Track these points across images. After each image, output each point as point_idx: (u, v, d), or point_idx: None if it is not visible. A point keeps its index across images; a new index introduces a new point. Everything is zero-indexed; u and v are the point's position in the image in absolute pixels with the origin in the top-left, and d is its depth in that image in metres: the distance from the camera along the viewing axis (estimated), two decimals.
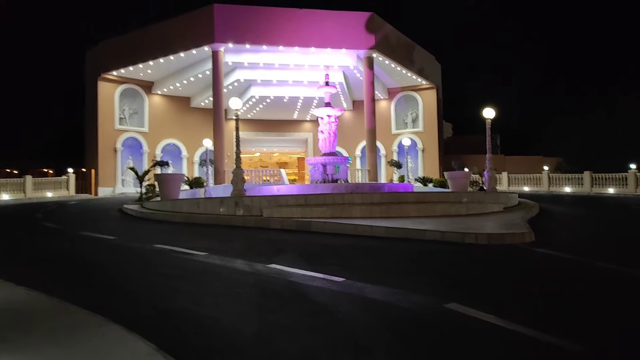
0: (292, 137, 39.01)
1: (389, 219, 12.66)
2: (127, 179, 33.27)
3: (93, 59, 33.22)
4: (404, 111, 37.40)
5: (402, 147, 36.63)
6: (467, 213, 13.92)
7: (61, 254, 8.87)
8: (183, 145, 35.55)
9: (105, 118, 32.15)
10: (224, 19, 26.20)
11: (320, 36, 27.22)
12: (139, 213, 16.21)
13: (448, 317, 4.90)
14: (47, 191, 29.47)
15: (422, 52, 34.63)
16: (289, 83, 30.55)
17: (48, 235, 11.57)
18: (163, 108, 34.81)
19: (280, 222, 12.60)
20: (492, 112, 17.92)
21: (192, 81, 31.78)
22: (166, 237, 10.99)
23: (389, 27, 30.14)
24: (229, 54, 27.64)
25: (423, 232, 10.28)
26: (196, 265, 7.62)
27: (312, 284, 6.29)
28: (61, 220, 15.33)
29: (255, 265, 7.46)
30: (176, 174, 20.78)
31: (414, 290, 5.94)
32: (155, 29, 29.14)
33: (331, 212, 13.15)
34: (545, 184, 31.93)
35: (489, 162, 17.82)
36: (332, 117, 20.56)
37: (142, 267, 7.49)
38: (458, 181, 20.24)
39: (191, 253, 8.58)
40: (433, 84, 35.97)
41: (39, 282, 6.16)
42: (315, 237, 11.01)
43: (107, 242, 10.18)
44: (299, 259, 8.19)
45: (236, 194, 14.85)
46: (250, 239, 10.78)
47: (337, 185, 18.00)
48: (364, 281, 6.40)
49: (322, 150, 20.74)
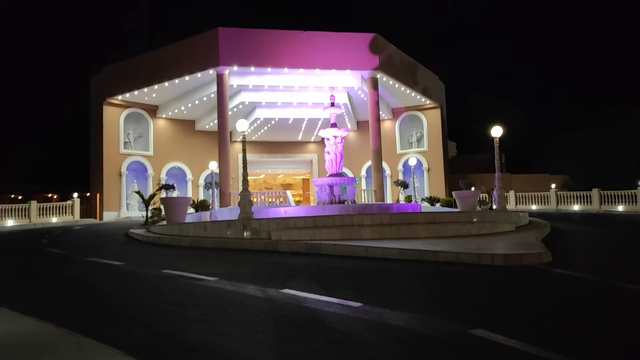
0: (297, 159, 38.97)
1: (400, 240, 12.45)
2: (131, 203, 33.16)
3: (98, 84, 33.44)
4: (409, 131, 37.38)
5: (407, 166, 36.57)
6: (478, 233, 13.70)
7: (69, 281, 8.68)
8: (188, 168, 35.52)
9: (110, 142, 32.21)
10: (228, 42, 26.38)
11: (324, 58, 27.36)
12: (146, 237, 16.03)
13: (475, 343, 4.68)
14: (52, 216, 29.36)
15: (426, 71, 34.76)
16: (293, 105, 30.62)
17: (55, 262, 11.39)
18: (168, 131, 34.90)
19: (289, 245, 12.39)
20: (499, 130, 17.84)
21: (196, 104, 31.89)
22: (174, 262, 10.80)
23: (393, 48, 30.29)
24: (234, 77, 27.77)
25: (436, 254, 10.07)
26: (207, 291, 7.42)
27: (328, 310, 6.08)
28: (67, 245, 15.16)
29: (268, 291, 7.25)
30: (182, 198, 20.66)
31: (435, 315, 5.72)
32: (160, 53, 29.37)
33: (341, 234, 12.95)
34: (553, 202, 31.65)
35: (498, 181, 17.67)
36: (338, 137, 20.49)
37: (153, 295, 7.28)
38: (467, 200, 20.03)
39: (201, 278, 8.38)
40: (437, 103, 36.01)
41: (48, 312, 5.97)
42: (326, 259, 10.79)
43: (115, 268, 9.98)
44: (311, 283, 7.98)
45: (244, 217, 14.68)
46: (260, 263, 10.57)
47: (344, 206, 17.82)
48: (381, 306, 6.19)
49: (328, 171, 20.62)
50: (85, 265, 10.68)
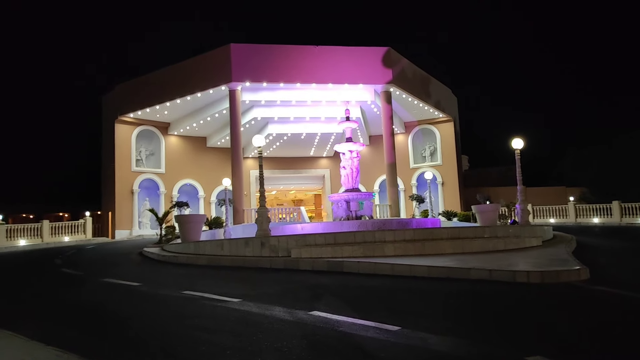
0: (309, 174, 38.64)
1: (425, 256, 11.99)
2: (144, 221, 32.92)
3: (109, 102, 33.48)
4: (422, 145, 36.99)
5: (421, 181, 36.12)
6: (505, 248, 13.21)
7: (87, 305, 8.30)
8: (199, 185, 35.32)
9: (122, 160, 32.11)
10: (240, 58, 26.28)
11: (337, 72, 27.17)
12: (161, 256, 15.68)
13: None
14: (64, 235, 29.14)
15: (438, 84, 34.48)
16: (306, 120, 30.40)
17: (70, 284, 11.04)
18: (179, 148, 34.78)
19: (310, 263, 11.97)
20: (520, 142, 17.40)
21: (208, 121, 31.78)
22: (193, 282, 10.42)
23: (406, 61, 30.08)
24: (246, 93, 27.63)
25: (468, 271, 9.60)
26: (233, 314, 7.01)
27: (365, 335, 5.65)
28: (82, 266, 14.84)
29: (297, 313, 6.84)
30: (197, 215, 20.34)
31: (483, 339, 5.29)
32: (171, 70, 29.36)
33: (362, 251, 12.52)
34: (572, 215, 30.98)
35: (520, 194, 17.19)
36: (354, 152, 20.14)
37: (176, 319, 6.88)
38: (487, 215, 19.50)
39: (224, 300, 7.98)
40: (450, 116, 35.66)
41: (67, 340, 5.61)
42: (351, 278, 10.36)
43: (133, 289, 9.61)
44: (341, 304, 7.56)
45: (262, 234, 14.29)
46: (282, 283, 10.15)
47: (363, 222, 17.39)
48: (422, 330, 5.76)
49: (344, 186, 20.23)
50: (102, 287, 10.33)
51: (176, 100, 29.01)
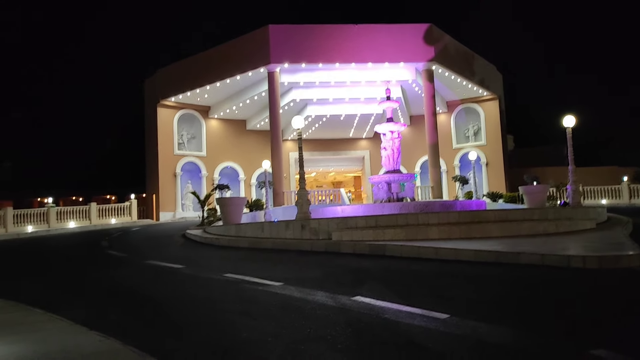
0: (348, 156, 38.27)
1: (470, 240, 11.57)
2: (186, 204, 33.50)
3: (151, 87, 33.97)
4: (465, 124, 35.94)
5: (464, 161, 35.17)
6: (557, 231, 12.60)
7: (130, 287, 8.36)
8: (240, 167, 35.58)
9: (164, 143, 32.64)
10: (279, 40, 26.03)
11: (377, 51, 26.54)
12: (203, 238, 15.82)
13: None
14: (111, 217, 30.01)
15: (482, 61, 33.25)
16: (345, 101, 29.96)
17: (115, 266, 11.23)
18: (220, 132, 35.05)
19: (351, 246, 11.75)
20: (572, 120, 16.58)
21: (247, 104, 31.81)
22: (235, 265, 10.40)
23: (448, 38, 29.09)
24: (285, 74, 27.41)
25: (517, 255, 9.15)
26: (274, 298, 6.87)
27: (412, 323, 5.39)
28: (127, 248, 15.14)
29: (340, 298, 6.63)
30: (238, 198, 20.43)
31: (540, 330, 4.94)
32: (211, 53, 29.43)
33: (405, 234, 12.19)
34: (625, 196, 29.51)
35: (572, 175, 16.45)
36: (395, 132, 19.68)
37: (219, 303, 6.80)
38: (535, 196, 18.76)
39: (266, 284, 7.87)
40: (495, 94, 34.41)
41: (110, 324, 5.59)
42: (393, 262, 10.08)
43: (177, 272, 9.65)
44: (384, 289, 7.31)
45: (302, 217, 14.16)
46: (323, 266, 9.98)
47: (405, 204, 17.01)
48: (471, 318, 5.45)
49: (385, 167, 19.84)
50: (146, 269, 10.44)
51: (216, 83, 29.12)
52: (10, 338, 4.68)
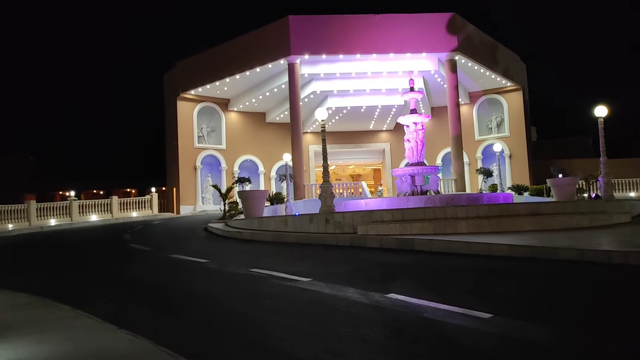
0: (368, 148, 37.83)
1: (501, 234, 11.20)
2: (206, 197, 33.51)
3: (171, 79, 33.95)
4: (487, 115, 35.22)
5: (487, 153, 34.53)
6: (590, 225, 12.15)
7: (156, 282, 8.22)
8: (259, 160, 35.45)
9: (184, 136, 32.64)
10: (299, 31, 25.71)
11: (398, 41, 26.07)
12: (225, 232, 15.69)
13: None
14: (132, 211, 30.16)
15: (506, 51, 32.49)
16: (366, 92, 29.54)
17: (139, 260, 11.13)
18: (239, 124, 34.93)
19: (377, 240, 11.48)
20: (604, 110, 15.96)
21: (267, 96, 31.60)
22: (260, 259, 10.20)
23: (471, 27, 28.44)
24: (305, 66, 27.11)
25: (555, 251, 8.77)
26: (304, 295, 6.64)
27: (453, 322, 5.10)
28: (149, 241, 15.08)
29: (373, 296, 6.37)
30: (260, 191, 20.27)
31: (591, 331, 4.62)
32: (231, 46, 29.25)
33: (433, 228, 11.86)
34: None
35: (604, 167, 15.88)
36: (418, 124, 19.25)
37: (247, 299, 6.58)
38: (564, 188, 18.23)
39: (293, 279, 7.64)
40: (519, 85, 33.63)
41: (139, 323, 5.42)
42: (423, 257, 9.78)
43: (201, 266, 9.49)
44: (418, 285, 7.04)
45: (326, 210, 13.90)
46: (351, 261, 9.73)
47: (430, 197, 16.64)
48: (515, 317, 5.17)
49: (409, 160, 19.45)
50: (170, 263, 10.31)
51: (235, 75, 28.95)
52: (37, 337, 4.52)
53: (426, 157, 34.64)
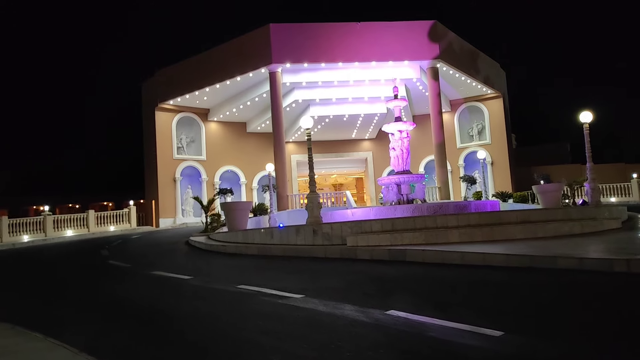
0: (351, 157, 37.54)
1: (494, 243, 10.93)
2: (187, 209, 32.76)
3: (149, 89, 33.26)
4: (469, 123, 35.30)
5: (469, 161, 34.60)
6: (582, 232, 11.95)
7: (138, 303, 7.67)
8: (241, 171, 34.85)
9: (163, 148, 31.91)
10: (280, 39, 25.38)
11: (380, 49, 25.93)
12: (208, 246, 15.14)
13: None
14: (109, 225, 29.27)
15: (486, 59, 32.65)
16: (348, 100, 29.29)
17: (118, 278, 10.53)
18: (220, 135, 34.33)
19: (368, 251, 11.09)
20: (589, 115, 15.94)
21: (248, 105, 31.12)
22: (247, 275, 9.73)
23: (452, 35, 28.49)
24: (287, 74, 26.76)
25: (553, 260, 8.49)
26: (298, 314, 6.20)
27: (463, 342, 4.74)
28: (129, 257, 14.45)
29: (372, 313, 5.97)
30: (244, 202, 19.76)
31: (611, 349, 4.30)
32: (211, 54, 28.77)
33: (425, 238, 11.53)
34: (635, 193, 28.92)
35: (590, 172, 15.82)
36: (404, 132, 19.02)
37: (237, 320, 6.10)
38: (550, 195, 18.16)
39: (285, 296, 7.20)
40: (499, 92, 33.81)
41: (121, 350, 4.92)
42: (416, 268, 9.43)
43: (185, 284, 8.96)
44: (418, 300, 6.66)
45: (313, 221, 13.48)
46: (343, 274, 9.32)
47: (417, 206, 16.36)
48: (529, 335, 4.85)
49: (394, 168, 19.18)
50: (152, 281, 9.75)
51: (216, 85, 28.44)
52: None
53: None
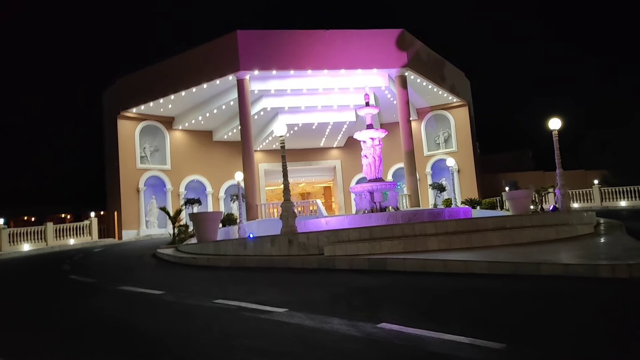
0: (319, 166, 37.33)
1: (473, 250, 10.84)
2: (151, 220, 31.72)
3: (111, 97, 32.19)
4: (435, 131, 35.69)
5: (436, 169, 34.97)
6: (557, 237, 12.01)
7: (107, 322, 7.09)
8: (207, 181, 34.07)
9: (126, 157, 30.86)
10: (248, 45, 24.98)
11: (349, 57, 25.88)
12: (177, 258, 14.51)
13: None
14: (69, 238, 27.99)
15: (452, 68, 33.14)
16: (317, 109, 29.05)
17: (83, 295, 9.85)
18: (185, 144, 33.50)
19: (347, 261, 10.79)
20: (558, 122, 16.18)
21: (214, 113, 30.48)
22: (223, 288, 9.25)
23: (420, 44, 28.75)
24: (255, 82, 26.34)
25: (537, 266, 8.39)
26: (285, 330, 5.82)
27: (466, 357, 4.48)
28: (93, 271, 13.68)
29: (363, 327, 5.65)
30: (213, 212, 19.13)
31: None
32: (175, 61, 28.03)
33: (404, 246, 11.33)
34: (597, 199, 29.79)
35: (560, 178, 16.04)
36: (375, 139, 18.88)
37: (218, 340, 5.66)
38: (519, 201, 18.34)
39: (267, 310, 6.80)
40: (464, 100, 34.34)
41: None
42: (399, 278, 9.19)
43: (157, 300, 8.41)
44: (408, 311, 6.41)
45: (288, 231, 13.09)
46: (324, 286, 8.97)
47: (391, 214, 16.19)
48: (532, 346, 4.64)
49: (366, 176, 19.01)
50: (120, 297, 9.14)
51: (181, 92, 27.72)
52: None
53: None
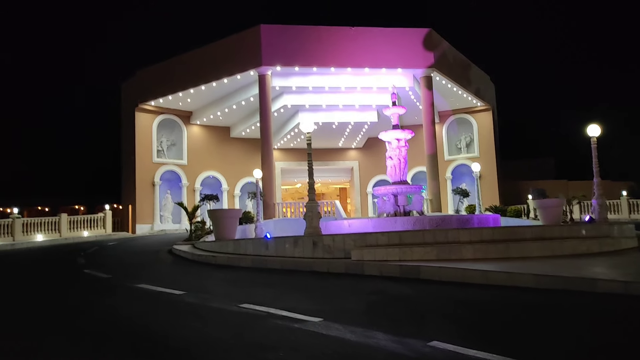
0: (336, 166, 36.69)
1: (511, 260, 10.13)
2: (165, 215, 31.32)
3: (129, 90, 31.87)
4: (457, 135, 34.87)
5: (457, 174, 34.22)
6: (600, 250, 11.27)
7: (125, 325, 6.50)
8: (223, 177, 33.62)
9: (142, 151, 30.50)
10: (271, 41, 24.44)
11: (374, 56, 25.23)
12: (195, 256, 13.96)
13: None
14: (83, 230, 27.66)
15: (478, 71, 32.33)
16: (339, 108, 28.44)
17: (99, 292, 9.29)
18: (202, 139, 33.08)
19: (377, 267, 10.15)
20: (597, 129, 15.36)
21: (233, 109, 30.00)
22: (248, 291, 8.66)
23: (447, 44, 28.03)
24: (276, 78, 25.78)
25: (592, 282, 7.68)
26: (325, 344, 5.18)
27: None
28: (108, 266, 13.17)
29: (413, 345, 5.02)
30: (233, 210, 18.59)
31: None
32: (196, 54, 27.61)
33: (437, 253, 10.65)
34: (625, 211, 28.77)
35: (597, 188, 15.21)
36: (401, 140, 18.20)
37: (256, 353, 5.02)
38: (551, 211, 17.51)
39: (300, 319, 6.17)
40: (489, 105, 33.48)
41: None
42: (436, 288, 8.51)
43: (178, 301, 7.82)
44: (461, 329, 5.73)
45: (312, 232, 12.48)
46: (356, 293, 8.34)
47: (418, 218, 15.49)
48: None
49: (390, 178, 18.34)
50: (138, 296, 8.58)
51: (200, 86, 27.28)
52: None
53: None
